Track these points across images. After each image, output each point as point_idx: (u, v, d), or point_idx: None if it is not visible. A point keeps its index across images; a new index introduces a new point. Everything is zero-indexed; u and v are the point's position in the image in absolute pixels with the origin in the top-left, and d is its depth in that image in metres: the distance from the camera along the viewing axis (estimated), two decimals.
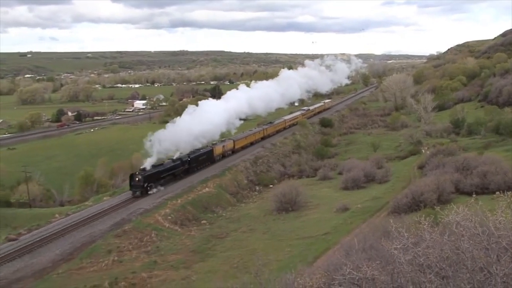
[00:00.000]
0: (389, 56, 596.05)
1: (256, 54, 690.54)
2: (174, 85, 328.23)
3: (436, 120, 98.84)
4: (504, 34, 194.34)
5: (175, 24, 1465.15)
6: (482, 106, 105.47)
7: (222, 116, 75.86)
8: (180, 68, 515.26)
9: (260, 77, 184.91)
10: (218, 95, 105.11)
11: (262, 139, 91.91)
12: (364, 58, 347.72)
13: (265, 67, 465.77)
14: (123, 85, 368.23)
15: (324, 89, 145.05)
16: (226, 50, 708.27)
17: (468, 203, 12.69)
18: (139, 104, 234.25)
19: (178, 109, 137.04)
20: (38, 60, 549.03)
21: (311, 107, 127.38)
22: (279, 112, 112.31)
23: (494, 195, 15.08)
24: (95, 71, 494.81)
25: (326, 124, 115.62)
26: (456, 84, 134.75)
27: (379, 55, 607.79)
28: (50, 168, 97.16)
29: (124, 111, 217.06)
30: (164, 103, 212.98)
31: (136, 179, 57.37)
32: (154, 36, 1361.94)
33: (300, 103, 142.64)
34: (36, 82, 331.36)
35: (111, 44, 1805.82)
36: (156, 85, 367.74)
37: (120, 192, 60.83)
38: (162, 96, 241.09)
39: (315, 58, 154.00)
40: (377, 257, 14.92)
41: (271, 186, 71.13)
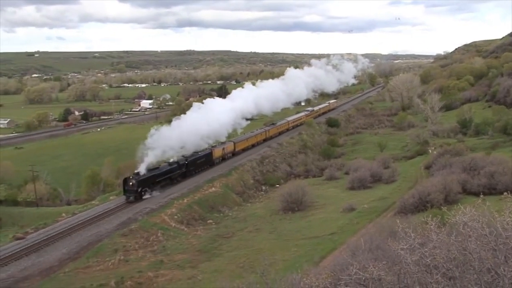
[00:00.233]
0: (396, 56, 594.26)
1: (263, 54, 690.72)
2: (181, 84, 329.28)
3: (443, 120, 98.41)
4: None
5: (182, 24, 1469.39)
6: (490, 106, 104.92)
7: (229, 115, 75.31)
8: (186, 68, 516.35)
9: (267, 76, 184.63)
10: (225, 95, 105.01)
11: (264, 141, 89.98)
12: (371, 58, 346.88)
13: (271, 66, 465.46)
14: (130, 84, 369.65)
15: (331, 89, 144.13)
16: (232, 49, 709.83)
17: (475, 203, 12.62)
18: (145, 103, 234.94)
19: (184, 108, 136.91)
20: (46, 59, 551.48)
21: (315, 108, 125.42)
22: (285, 112, 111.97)
23: (501, 196, 15.00)
24: (102, 70, 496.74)
25: (332, 124, 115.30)
26: (464, 84, 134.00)
27: (385, 55, 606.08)
28: (57, 168, 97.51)
29: (130, 111, 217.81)
30: (170, 103, 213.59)
31: (130, 183, 55.02)
32: (160, 36, 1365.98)
33: (307, 103, 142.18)
34: (43, 82, 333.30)
35: (118, 43, 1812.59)
36: (162, 84, 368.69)
37: None
38: (168, 96, 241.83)
39: (321, 58, 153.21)
40: (383, 257, 14.87)
41: (278, 186, 71.06)
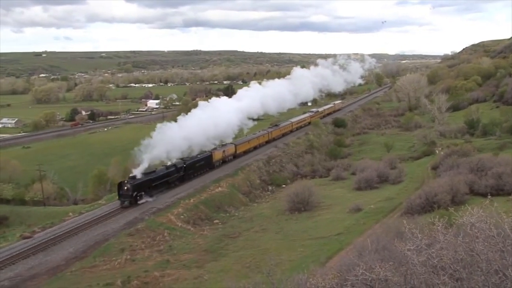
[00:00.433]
0: (403, 56, 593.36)
1: (269, 54, 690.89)
2: (188, 84, 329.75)
3: (450, 121, 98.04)
4: None
5: (188, 24, 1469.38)
6: (498, 107, 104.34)
7: (235, 115, 74.86)
8: (193, 68, 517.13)
9: (273, 76, 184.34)
10: (231, 95, 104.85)
11: (266, 143, 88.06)
12: (378, 58, 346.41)
13: (278, 67, 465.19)
14: (137, 84, 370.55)
15: (338, 89, 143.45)
16: (239, 50, 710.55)
17: (482, 204, 12.55)
18: (152, 103, 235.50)
19: (191, 108, 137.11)
20: (53, 59, 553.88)
21: (320, 109, 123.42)
22: (291, 112, 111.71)
23: (509, 197, 14.95)
24: (109, 70, 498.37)
25: (339, 124, 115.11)
26: (471, 84, 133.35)
27: (393, 55, 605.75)
28: (64, 167, 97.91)
29: (137, 111, 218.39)
30: (177, 103, 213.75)
31: (125, 187, 52.89)
32: (167, 36, 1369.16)
33: (313, 103, 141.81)
34: (51, 82, 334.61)
35: (125, 43, 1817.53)
36: (169, 84, 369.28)
37: None
38: (175, 96, 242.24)
39: (328, 58, 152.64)
40: (390, 258, 14.82)
41: (284, 186, 71.06)
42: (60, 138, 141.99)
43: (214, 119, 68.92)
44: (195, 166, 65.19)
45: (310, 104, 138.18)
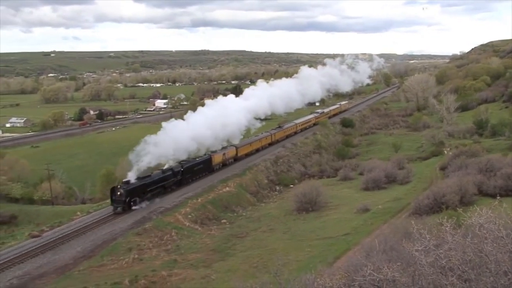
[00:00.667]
0: (411, 56, 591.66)
1: (277, 53, 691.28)
2: (195, 84, 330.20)
3: (459, 121, 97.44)
4: None
5: (196, 23, 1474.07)
6: (507, 107, 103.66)
7: (243, 115, 74.29)
8: (201, 68, 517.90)
9: (281, 76, 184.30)
10: (239, 95, 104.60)
11: (269, 145, 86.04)
12: (386, 58, 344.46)
13: (286, 66, 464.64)
14: (145, 84, 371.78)
15: (345, 88, 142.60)
16: (247, 49, 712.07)
17: (491, 205, 12.49)
18: (160, 103, 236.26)
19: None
20: (61, 59, 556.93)
21: (326, 110, 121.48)
22: (298, 112, 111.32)
23: None
24: (117, 70, 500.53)
25: (347, 124, 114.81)
26: (480, 84, 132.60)
27: (401, 55, 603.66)
28: (72, 166, 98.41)
29: (145, 110, 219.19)
30: (185, 103, 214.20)
31: (118, 193, 50.65)
32: (175, 36, 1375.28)
33: (321, 103, 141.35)
34: (59, 81, 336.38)
35: (133, 43, 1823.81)
36: (177, 84, 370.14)
37: None
38: (183, 96, 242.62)
39: (336, 58, 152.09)
40: (398, 258, 14.76)
41: (292, 186, 71.00)
42: (68, 138, 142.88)
43: (221, 118, 67.97)
44: (193, 170, 62.97)
45: (318, 104, 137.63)
